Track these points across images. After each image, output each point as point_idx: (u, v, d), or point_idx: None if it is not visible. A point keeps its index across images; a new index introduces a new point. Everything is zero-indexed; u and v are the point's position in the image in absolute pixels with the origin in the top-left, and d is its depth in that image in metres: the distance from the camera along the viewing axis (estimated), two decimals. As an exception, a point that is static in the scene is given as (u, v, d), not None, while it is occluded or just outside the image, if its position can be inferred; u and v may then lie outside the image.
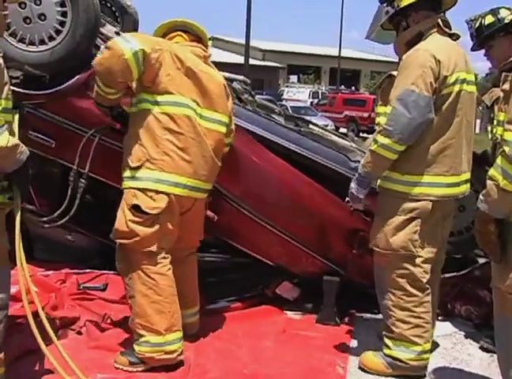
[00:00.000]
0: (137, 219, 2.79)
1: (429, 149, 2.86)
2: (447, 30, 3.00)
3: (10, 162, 2.29)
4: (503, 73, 2.66)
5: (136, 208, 2.79)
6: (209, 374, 2.87)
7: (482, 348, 3.37)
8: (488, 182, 2.08)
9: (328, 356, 3.16)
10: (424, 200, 2.87)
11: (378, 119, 3.37)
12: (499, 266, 2.18)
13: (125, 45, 2.72)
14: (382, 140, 2.83)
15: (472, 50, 3.53)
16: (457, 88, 2.86)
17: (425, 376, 3.02)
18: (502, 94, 2.34)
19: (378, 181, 3.02)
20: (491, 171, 2.08)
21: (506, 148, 2.01)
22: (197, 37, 3.17)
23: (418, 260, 2.93)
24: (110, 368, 2.84)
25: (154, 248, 2.83)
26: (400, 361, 2.96)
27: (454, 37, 3.03)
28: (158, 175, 2.79)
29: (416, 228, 2.90)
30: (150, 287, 2.82)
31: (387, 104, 2.90)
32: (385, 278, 2.99)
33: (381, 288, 3.05)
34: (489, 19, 3.38)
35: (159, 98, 2.83)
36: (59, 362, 2.56)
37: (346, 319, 3.68)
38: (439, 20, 2.98)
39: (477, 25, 3.45)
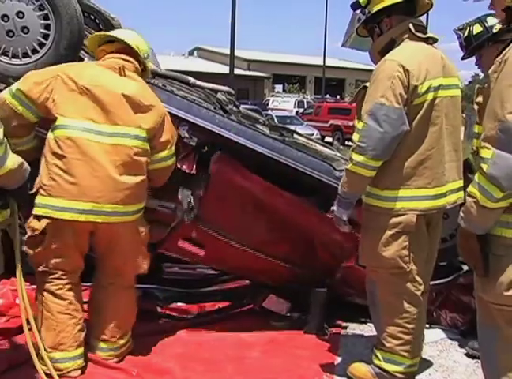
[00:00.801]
0: (26, 239, 2.87)
1: (407, 162, 2.77)
2: (420, 35, 2.87)
3: (17, 180, 2.49)
4: (477, 86, 2.65)
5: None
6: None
7: (467, 355, 3.40)
8: (468, 199, 2.06)
9: (315, 366, 3.16)
10: (407, 214, 2.79)
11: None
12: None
13: (5, 91, 2.86)
14: (356, 157, 2.74)
15: (463, 59, 3.51)
16: (430, 96, 2.75)
17: (412, 384, 3.03)
18: (476, 106, 2.34)
19: (363, 196, 2.95)
20: (470, 188, 2.06)
21: (484, 166, 1.99)
22: (127, 47, 3.10)
23: (410, 276, 2.87)
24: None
25: (41, 268, 2.87)
26: (388, 373, 2.95)
27: (430, 41, 2.93)
28: (46, 200, 2.78)
29: (404, 244, 2.82)
30: (41, 302, 2.90)
31: None
32: (378, 293, 2.95)
33: (373, 303, 3.01)
34: (477, 29, 3.34)
35: (53, 124, 2.85)
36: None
37: (333, 329, 3.69)
38: (411, 26, 2.86)
39: (466, 35, 3.43)
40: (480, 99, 2.28)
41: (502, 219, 2.04)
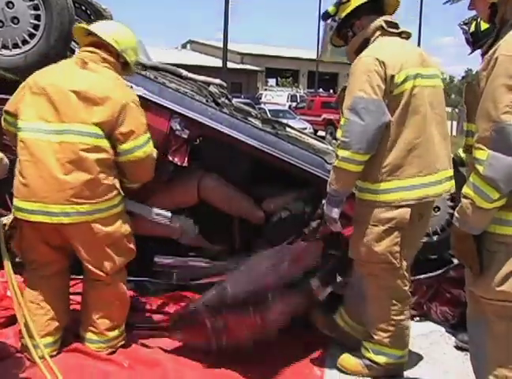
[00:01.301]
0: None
1: (394, 153, 2.78)
2: (393, 30, 2.93)
3: None
4: (464, 84, 2.64)
5: None
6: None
7: (457, 347, 3.42)
8: (463, 201, 2.06)
9: (306, 358, 3.17)
10: (402, 206, 2.79)
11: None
12: None
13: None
14: (341, 153, 2.76)
15: (470, 54, 3.40)
16: (409, 85, 2.76)
17: (402, 376, 3.05)
18: (465, 105, 2.33)
19: (356, 191, 2.96)
20: (465, 189, 2.06)
21: (480, 168, 1.99)
22: (99, 40, 3.04)
23: (400, 272, 2.89)
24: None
25: (18, 259, 3.07)
26: (378, 364, 2.99)
27: (404, 35, 2.97)
28: (14, 200, 2.88)
29: (396, 240, 2.83)
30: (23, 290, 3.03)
31: None
32: (367, 287, 2.98)
33: (361, 295, 3.04)
34: (484, 25, 3.28)
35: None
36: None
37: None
38: (382, 23, 2.91)
39: (472, 30, 3.41)
40: (468, 97, 2.26)
41: (496, 216, 2.05)
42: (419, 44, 30.65)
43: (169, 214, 3.61)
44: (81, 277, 3.47)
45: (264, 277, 3.03)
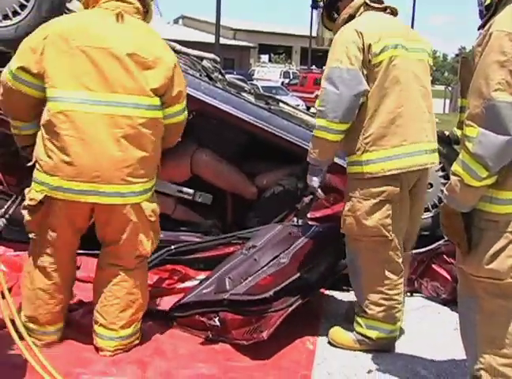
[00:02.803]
0: (24, 204, 2.70)
1: (377, 122, 2.79)
2: (377, 5, 2.98)
3: None
4: (461, 58, 2.63)
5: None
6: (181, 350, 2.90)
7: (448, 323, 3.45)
8: (452, 178, 2.06)
9: (298, 333, 3.19)
10: (390, 178, 2.80)
11: None
12: None
13: (5, 72, 2.62)
14: (318, 122, 2.82)
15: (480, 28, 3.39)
16: (387, 54, 2.78)
17: (393, 350, 3.08)
18: (460, 81, 2.32)
19: (347, 166, 2.97)
20: (454, 166, 2.05)
21: (469, 145, 1.98)
22: None
23: (393, 244, 2.91)
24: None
25: (33, 235, 2.73)
26: (370, 339, 3.01)
27: (388, 10, 3.01)
28: (42, 177, 2.57)
29: (388, 212, 2.85)
30: (28, 271, 2.79)
31: None
32: (359, 262, 2.99)
33: (354, 271, 3.05)
34: None
35: (47, 95, 2.57)
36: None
37: (315, 296, 3.72)
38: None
39: (488, 2, 3.35)
40: (462, 71, 2.25)
41: (486, 194, 2.05)
42: (413, 21, 30.46)
43: (191, 191, 3.61)
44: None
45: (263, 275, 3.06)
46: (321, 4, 3.10)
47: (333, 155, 2.98)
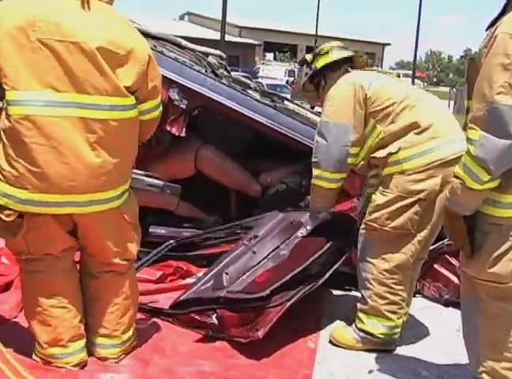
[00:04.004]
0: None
1: (403, 130, 2.89)
2: (353, 69, 3.20)
3: None
4: (468, 60, 2.61)
5: None
6: (181, 348, 2.89)
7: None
8: (454, 180, 2.04)
9: (300, 332, 3.18)
10: (431, 177, 2.82)
11: None
12: None
13: None
14: (314, 172, 3.04)
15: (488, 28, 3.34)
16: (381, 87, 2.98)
17: (394, 349, 3.07)
18: (467, 82, 2.29)
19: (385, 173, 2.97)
20: (457, 169, 2.03)
21: (471, 148, 1.95)
22: None
23: (413, 239, 2.91)
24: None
25: (25, 256, 2.47)
26: (373, 335, 3.00)
27: (366, 66, 3.26)
28: (6, 189, 2.26)
29: (418, 209, 2.86)
30: (29, 296, 2.55)
31: None
32: (372, 251, 2.98)
33: (363, 259, 3.03)
34: None
35: (6, 96, 2.21)
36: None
37: (318, 294, 3.71)
38: (347, 67, 3.19)
39: None
40: (469, 72, 2.22)
41: (490, 197, 2.02)
42: (418, 21, 30.36)
43: (161, 183, 3.57)
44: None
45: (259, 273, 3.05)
46: (312, 67, 3.22)
47: (332, 202, 3.15)
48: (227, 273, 3.06)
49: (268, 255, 3.14)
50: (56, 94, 2.22)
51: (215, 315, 2.98)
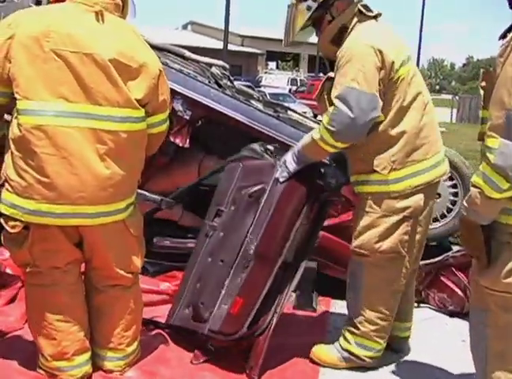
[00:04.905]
0: (4, 235, 2.42)
1: (403, 140, 2.71)
2: (370, 14, 2.78)
3: None
4: (481, 70, 2.59)
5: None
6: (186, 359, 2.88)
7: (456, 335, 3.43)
8: (472, 189, 2.02)
9: (305, 342, 3.16)
10: (415, 194, 2.73)
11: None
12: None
13: None
14: (325, 136, 2.64)
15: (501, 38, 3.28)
16: (406, 69, 2.69)
17: (377, 368, 2.99)
18: (482, 91, 2.29)
19: (357, 187, 2.84)
20: (475, 178, 2.02)
21: (490, 156, 1.94)
22: None
23: (404, 261, 2.83)
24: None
25: (30, 268, 2.44)
26: (357, 357, 2.92)
27: (378, 17, 2.83)
28: (13, 199, 2.27)
29: (407, 228, 2.77)
30: (34, 309, 2.53)
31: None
32: (362, 276, 2.87)
33: (354, 284, 2.94)
34: None
35: (17, 105, 2.24)
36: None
37: (322, 305, 3.70)
38: (360, 7, 2.76)
39: None
40: (483, 83, 2.21)
41: (508, 207, 2.01)
42: (421, 29, 30.45)
43: (158, 198, 3.55)
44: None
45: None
46: (314, 4, 2.76)
47: (323, 157, 2.87)
48: (202, 303, 2.84)
49: (236, 259, 2.79)
50: (68, 104, 2.25)
51: (209, 343, 2.91)
